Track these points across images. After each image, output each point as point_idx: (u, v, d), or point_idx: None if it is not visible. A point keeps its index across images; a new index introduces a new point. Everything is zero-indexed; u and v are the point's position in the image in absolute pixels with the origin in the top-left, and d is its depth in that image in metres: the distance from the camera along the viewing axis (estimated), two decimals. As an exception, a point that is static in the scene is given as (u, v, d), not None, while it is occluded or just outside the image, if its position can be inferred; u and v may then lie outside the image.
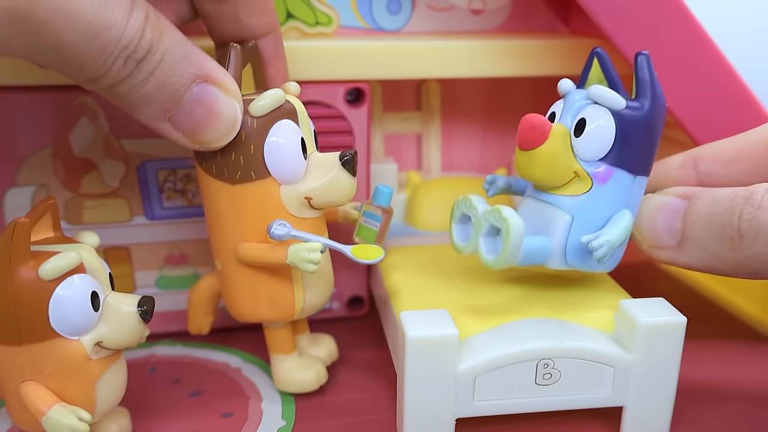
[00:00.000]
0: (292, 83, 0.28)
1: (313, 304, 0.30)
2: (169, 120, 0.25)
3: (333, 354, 0.33)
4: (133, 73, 0.23)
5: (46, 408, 0.24)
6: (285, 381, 0.31)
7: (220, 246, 0.29)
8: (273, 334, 0.31)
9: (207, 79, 0.25)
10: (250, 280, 0.28)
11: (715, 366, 0.34)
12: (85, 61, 0.22)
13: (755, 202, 0.25)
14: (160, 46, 0.23)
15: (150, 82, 0.23)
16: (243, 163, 0.26)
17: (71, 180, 0.32)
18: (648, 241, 0.28)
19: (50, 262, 0.23)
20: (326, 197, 0.27)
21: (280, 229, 0.26)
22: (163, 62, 0.23)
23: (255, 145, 0.26)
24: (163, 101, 0.24)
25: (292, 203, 0.27)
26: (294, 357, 0.31)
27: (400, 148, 0.41)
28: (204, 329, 0.33)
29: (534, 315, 0.28)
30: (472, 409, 0.26)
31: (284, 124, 0.27)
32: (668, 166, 0.31)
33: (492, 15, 0.38)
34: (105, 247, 0.34)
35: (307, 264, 0.26)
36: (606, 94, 0.26)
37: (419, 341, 0.25)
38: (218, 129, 0.25)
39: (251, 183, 0.27)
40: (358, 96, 0.34)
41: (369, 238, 0.31)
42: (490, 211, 0.26)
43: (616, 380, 0.27)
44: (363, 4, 0.36)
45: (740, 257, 0.25)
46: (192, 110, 0.25)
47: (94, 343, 0.24)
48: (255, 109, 0.26)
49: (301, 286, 0.29)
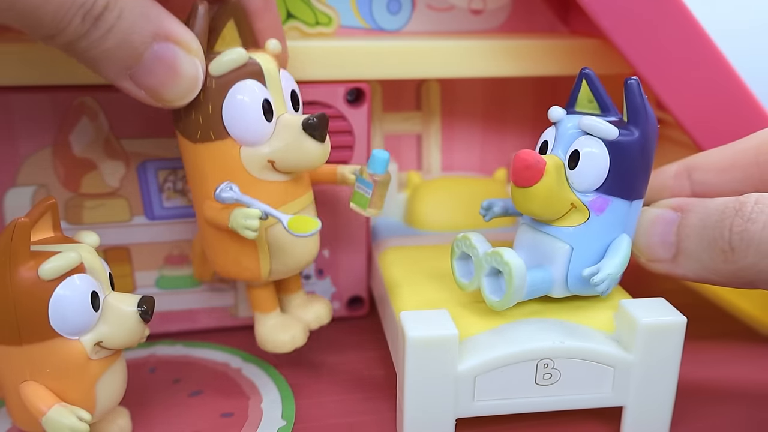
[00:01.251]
0: (272, 41, 0.28)
1: (284, 267, 0.29)
2: (130, 77, 0.25)
3: (322, 318, 0.32)
4: (90, 29, 0.23)
5: (46, 408, 0.24)
6: (262, 339, 0.30)
7: (194, 203, 0.29)
8: (253, 292, 0.30)
9: (168, 37, 0.25)
10: (218, 239, 0.28)
11: (715, 366, 0.34)
12: (42, 17, 0.22)
13: (745, 213, 0.25)
14: (118, 2, 0.23)
15: (109, 39, 0.23)
16: (202, 123, 0.26)
17: (71, 180, 0.32)
18: (645, 255, 0.28)
19: (50, 262, 0.23)
20: (290, 162, 0.27)
21: (225, 191, 0.26)
22: (121, 19, 0.23)
23: (213, 105, 0.26)
24: (123, 58, 0.24)
25: (253, 165, 0.27)
26: (274, 316, 0.31)
27: (400, 148, 0.41)
28: (205, 277, 0.33)
29: (534, 315, 0.28)
30: (472, 409, 0.26)
31: (246, 84, 0.26)
32: (662, 176, 0.31)
33: (492, 15, 0.38)
34: (105, 247, 0.34)
35: (245, 230, 0.25)
36: (598, 125, 0.26)
37: (419, 341, 0.25)
38: (180, 87, 0.26)
39: (211, 143, 0.27)
40: (358, 96, 0.34)
41: (362, 205, 0.30)
42: (491, 254, 0.27)
43: (616, 380, 0.27)
44: (363, 4, 0.36)
45: (733, 269, 0.25)
46: (153, 68, 0.25)
47: (94, 343, 0.24)
48: (213, 68, 0.26)
49: (266, 250, 0.28)
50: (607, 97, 0.27)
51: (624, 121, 0.26)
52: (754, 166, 0.29)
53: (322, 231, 0.32)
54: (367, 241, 0.36)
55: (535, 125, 0.42)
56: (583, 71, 0.27)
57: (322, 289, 0.37)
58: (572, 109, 0.28)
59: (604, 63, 0.35)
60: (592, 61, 0.35)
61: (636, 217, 0.28)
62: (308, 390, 0.32)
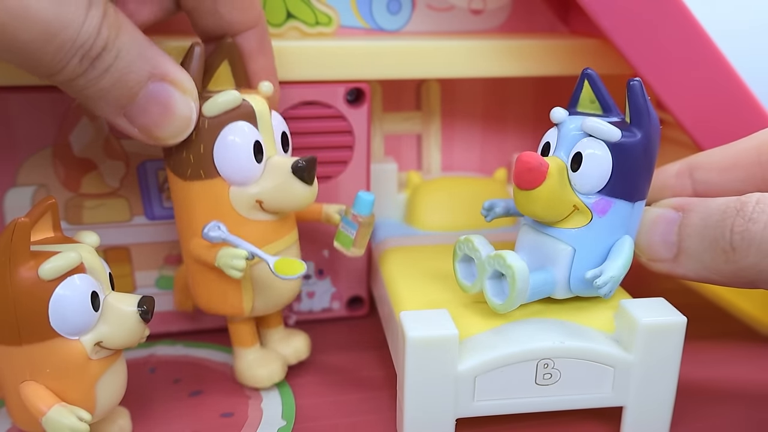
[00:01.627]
0: (264, 83, 0.28)
1: (265, 305, 0.30)
2: (124, 116, 0.25)
3: (301, 353, 0.32)
4: (88, 69, 0.23)
5: (46, 408, 0.24)
6: (241, 374, 0.31)
7: (180, 239, 0.29)
8: (234, 327, 0.31)
9: (163, 77, 0.25)
10: (204, 275, 0.29)
11: (715, 366, 0.34)
12: (41, 58, 0.22)
13: (746, 213, 0.25)
14: (116, 43, 0.23)
15: (105, 78, 0.24)
16: (193, 161, 0.27)
17: (71, 180, 0.32)
18: (646, 255, 0.28)
19: (50, 262, 0.23)
20: (278, 202, 0.28)
21: (213, 230, 0.27)
22: (119, 59, 0.24)
23: (205, 145, 0.27)
24: (117, 97, 0.24)
25: (241, 205, 0.27)
26: (253, 351, 0.31)
27: (400, 148, 0.41)
28: (186, 307, 0.34)
29: (534, 315, 0.28)
30: (472, 409, 0.26)
31: (238, 126, 0.27)
32: (664, 175, 0.31)
33: (492, 15, 0.38)
34: (105, 247, 0.34)
35: (231, 270, 0.26)
36: (600, 127, 0.26)
37: (419, 341, 0.25)
38: (173, 126, 0.26)
39: (200, 181, 0.27)
40: (358, 96, 0.34)
41: (346, 245, 0.31)
42: (494, 257, 0.27)
43: (616, 380, 0.27)
44: (363, 4, 0.36)
45: (734, 269, 0.25)
46: (147, 107, 0.25)
47: (94, 343, 0.24)
48: (206, 109, 0.26)
49: (250, 288, 0.29)
50: (609, 97, 0.27)
51: (626, 122, 0.26)
52: (756, 166, 0.29)
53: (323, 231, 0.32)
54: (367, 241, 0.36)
55: (536, 125, 0.42)
56: (585, 72, 0.27)
57: (322, 289, 0.37)
58: (574, 110, 0.28)
59: (604, 63, 0.35)
60: (592, 61, 0.35)
61: (638, 218, 0.28)
62: (308, 390, 0.32)
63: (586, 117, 0.27)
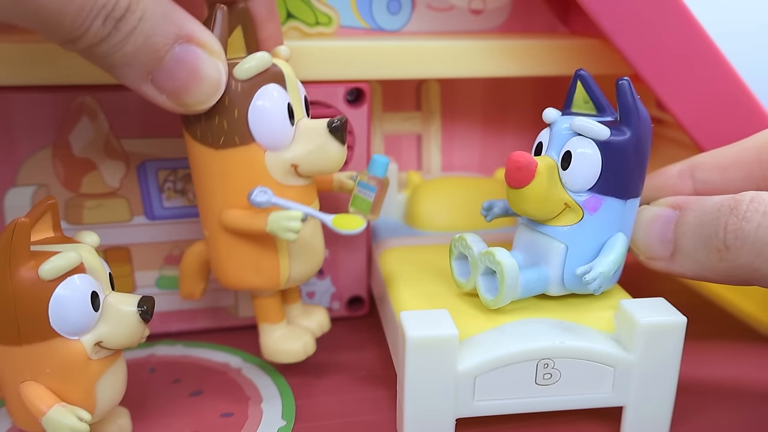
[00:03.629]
0: (282, 47, 0.28)
1: (300, 273, 0.29)
2: (151, 82, 0.24)
3: (324, 325, 0.32)
4: (112, 32, 0.23)
5: (46, 408, 0.24)
6: (272, 350, 0.30)
7: (207, 212, 0.28)
8: (261, 302, 0.30)
9: (189, 39, 0.24)
10: (236, 247, 0.28)
11: (715, 366, 0.34)
12: (63, 20, 0.22)
13: (740, 212, 0.25)
14: (140, 4, 0.23)
15: (129, 42, 0.23)
16: (227, 128, 0.26)
17: (71, 180, 0.32)
18: (643, 253, 0.28)
19: (50, 262, 0.23)
20: (313, 165, 0.27)
21: (260, 195, 0.26)
22: (143, 21, 0.23)
23: (239, 110, 0.26)
24: (144, 62, 0.24)
25: (277, 170, 0.27)
26: (282, 326, 0.30)
27: (400, 148, 0.41)
28: (195, 294, 0.32)
29: (534, 315, 0.28)
30: (473, 409, 0.26)
31: (270, 89, 0.26)
32: (666, 175, 0.32)
33: (492, 15, 0.38)
34: (105, 247, 0.34)
35: (287, 233, 0.25)
36: (589, 126, 0.26)
37: (419, 341, 0.25)
38: (202, 90, 0.25)
39: (235, 148, 0.26)
40: (358, 96, 0.34)
41: (363, 209, 0.30)
42: (485, 254, 0.27)
43: (616, 380, 0.27)
44: (363, 4, 0.36)
45: (729, 267, 0.25)
46: (174, 71, 0.24)
47: (94, 343, 0.24)
48: (240, 72, 0.26)
49: (287, 255, 0.28)
50: (603, 97, 0.27)
51: (617, 121, 0.27)
52: (756, 164, 0.29)
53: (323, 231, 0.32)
54: (367, 241, 0.36)
55: (535, 125, 0.41)
56: (577, 73, 0.28)
57: (322, 289, 0.37)
58: (568, 110, 0.28)
59: (604, 63, 0.35)
60: (591, 61, 0.35)
61: (632, 216, 0.28)
62: (308, 390, 0.32)
63: (576, 116, 0.27)
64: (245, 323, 0.36)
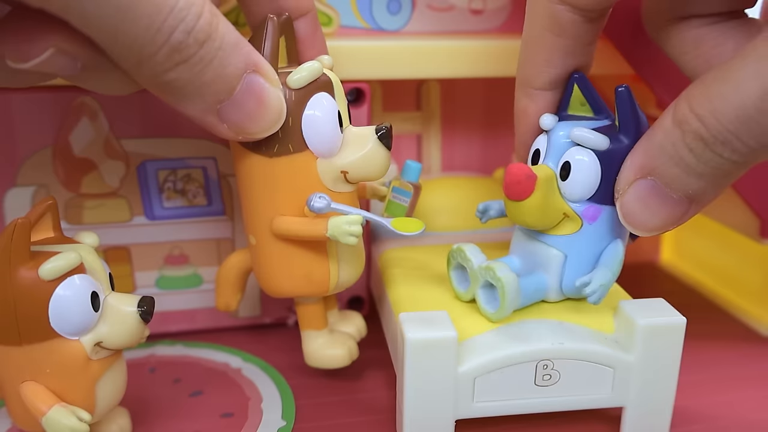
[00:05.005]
0: (325, 57, 0.28)
1: (347, 278, 0.29)
2: (218, 112, 0.24)
3: (362, 330, 0.33)
4: (194, 57, 0.22)
5: (46, 408, 0.24)
6: (317, 357, 0.30)
7: (255, 220, 0.28)
8: (305, 309, 0.30)
9: (255, 69, 0.24)
10: (286, 254, 0.28)
11: (715, 366, 0.34)
12: (139, 18, 0.20)
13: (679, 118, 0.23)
14: (219, 31, 0.22)
15: (209, 71, 0.23)
16: (281, 136, 0.26)
17: (71, 180, 0.32)
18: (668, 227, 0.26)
19: (50, 262, 0.23)
20: (362, 171, 0.27)
21: (319, 201, 0.26)
22: (222, 50, 0.23)
23: (293, 118, 0.26)
24: (217, 92, 0.23)
25: (328, 177, 0.27)
26: (325, 333, 0.31)
27: (400, 148, 0.41)
28: (232, 306, 0.32)
29: (533, 316, 0.28)
30: (472, 411, 0.26)
31: (321, 97, 0.27)
32: (523, 120, 0.29)
33: (492, 15, 0.38)
34: (105, 247, 0.34)
35: (348, 237, 0.26)
36: (588, 137, 0.26)
37: (419, 343, 0.25)
38: (266, 120, 0.25)
39: (288, 156, 0.26)
40: (358, 96, 0.34)
41: (399, 214, 0.31)
42: (485, 269, 0.27)
43: (615, 381, 0.27)
44: (363, 4, 0.36)
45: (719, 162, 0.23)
46: (242, 102, 0.24)
47: (94, 344, 0.24)
48: (293, 81, 0.26)
49: (336, 261, 0.28)
50: (599, 99, 0.27)
51: (615, 127, 0.26)
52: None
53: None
54: (367, 242, 0.36)
55: (536, 125, 0.42)
56: (573, 75, 0.27)
57: (322, 289, 0.37)
58: (564, 113, 0.28)
59: (603, 63, 0.35)
60: (592, 61, 0.35)
61: None
62: (308, 390, 0.32)
63: (575, 126, 0.27)
64: (245, 323, 0.36)
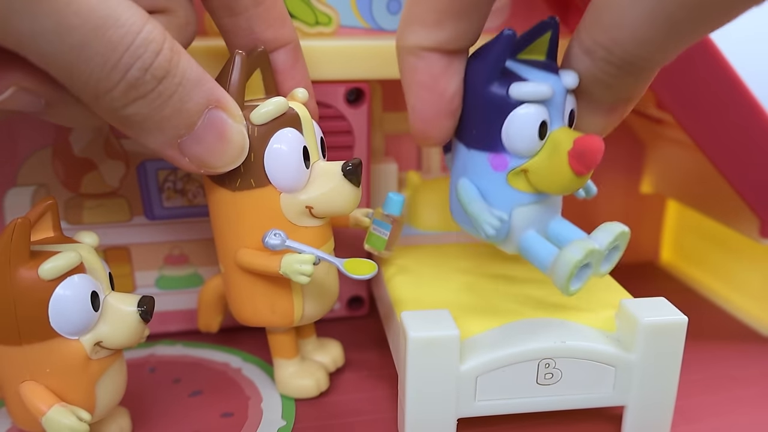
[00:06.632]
0: (300, 90, 0.28)
1: (313, 312, 0.29)
2: (178, 146, 0.24)
3: (338, 360, 0.33)
4: (152, 93, 0.22)
5: (46, 408, 0.24)
6: (285, 385, 0.31)
7: (222, 250, 0.29)
8: (275, 338, 0.31)
9: (217, 104, 0.24)
10: (250, 285, 0.28)
11: (715, 366, 0.34)
12: (93, 57, 0.21)
13: None
14: (179, 68, 0.22)
15: (168, 106, 0.23)
16: (243, 171, 0.26)
17: (71, 180, 0.32)
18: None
19: (50, 262, 0.23)
20: (328, 207, 0.27)
21: (274, 239, 0.26)
22: (182, 86, 0.23)
23: (255, 154, 0.26)
24: (177, 127, 0.23)
25: (291, 212, 0.27)
26: (295, 362, 0.31)
27: (400, 148, 0.41)
28: (213, 327, 0.33)
29: (535, 315, 0.28)
30: (474, 409, 0.26)
31: (286, 133, 0.26)
32: None
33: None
34: (105, 247, 0.34)
35: (299, 276, 0.26)
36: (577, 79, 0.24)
37: (421, 341, 0.25)
38: (228, 155, 0.25)
39: (251, 191, 0.27)
40: (358, 96, 0.34)
41: (378, 246, 0.31)
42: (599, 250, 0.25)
43: (617, 380, 0.27)
44: (363, 4, 0.36)
45: None
46: (203, 137, 0.24)
47: (93, 343, 0.24)
48: (256, 117, 0.26)
49: (300, 295, 0.29)
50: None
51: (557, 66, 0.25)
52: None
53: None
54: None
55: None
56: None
57: (322, 290, 0.37)
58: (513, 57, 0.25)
59: (604, 63, 0.35)
60: (592, 60, 0.35)
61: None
62: (308, 390, 0.32)
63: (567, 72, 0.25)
64: (245, 323, 0.36)
